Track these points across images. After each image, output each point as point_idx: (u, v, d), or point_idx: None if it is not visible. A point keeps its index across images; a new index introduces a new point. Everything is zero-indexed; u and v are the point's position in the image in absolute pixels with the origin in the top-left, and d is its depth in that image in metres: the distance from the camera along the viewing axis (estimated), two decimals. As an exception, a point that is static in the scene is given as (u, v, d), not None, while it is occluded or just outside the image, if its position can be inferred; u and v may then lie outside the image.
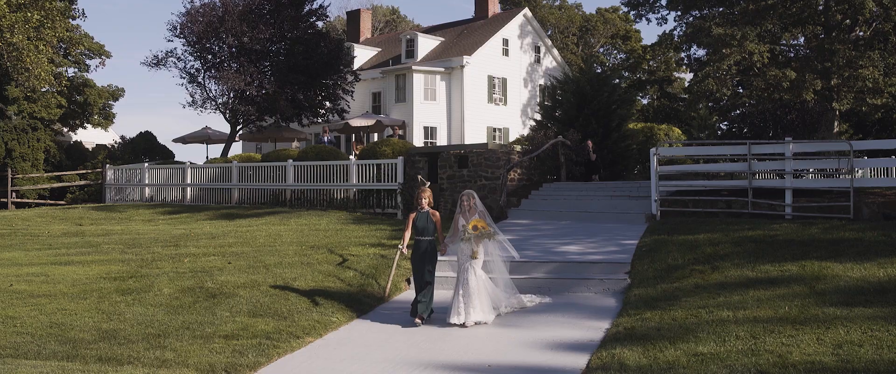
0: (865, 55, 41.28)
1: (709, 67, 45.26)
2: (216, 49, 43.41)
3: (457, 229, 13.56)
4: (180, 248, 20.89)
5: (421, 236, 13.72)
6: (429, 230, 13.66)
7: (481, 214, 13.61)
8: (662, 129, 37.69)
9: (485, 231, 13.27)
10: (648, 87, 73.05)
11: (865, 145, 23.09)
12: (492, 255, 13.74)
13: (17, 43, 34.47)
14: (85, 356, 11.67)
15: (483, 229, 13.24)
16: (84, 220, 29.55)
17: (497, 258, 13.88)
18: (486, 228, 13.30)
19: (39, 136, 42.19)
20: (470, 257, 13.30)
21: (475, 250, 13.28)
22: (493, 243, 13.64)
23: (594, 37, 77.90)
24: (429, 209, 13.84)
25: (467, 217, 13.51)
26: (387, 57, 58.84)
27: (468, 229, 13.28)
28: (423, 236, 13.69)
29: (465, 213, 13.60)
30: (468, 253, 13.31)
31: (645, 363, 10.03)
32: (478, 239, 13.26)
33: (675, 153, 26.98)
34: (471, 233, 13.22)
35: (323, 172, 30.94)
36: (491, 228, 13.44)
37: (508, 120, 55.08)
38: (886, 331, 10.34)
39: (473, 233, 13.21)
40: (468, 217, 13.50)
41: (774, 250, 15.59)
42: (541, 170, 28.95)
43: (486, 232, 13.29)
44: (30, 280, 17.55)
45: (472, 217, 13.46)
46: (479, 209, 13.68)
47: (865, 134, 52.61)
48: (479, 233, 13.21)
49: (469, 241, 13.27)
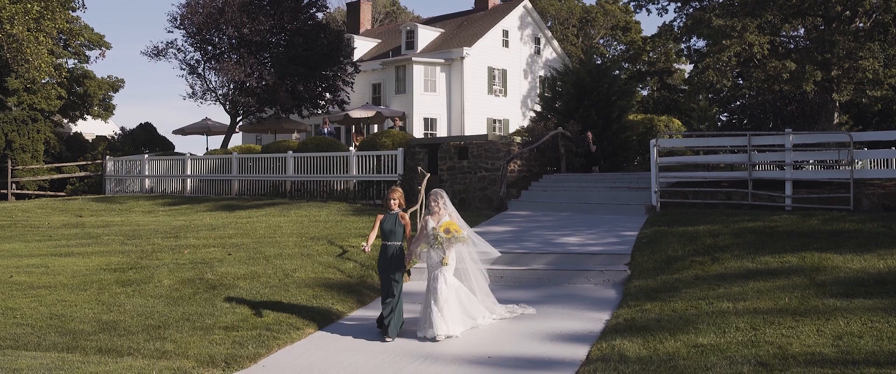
0: (865, 46, 41.22)
1: (709, 59, 45.19)
2: (216, 40, 43.37)
3: (425, 232, 12.34)
4: (180, 239, 20.90)
5: (388, 241, 12.41)
6: (397, 234, 12.38)
7: (452, 215, 12.42)
8: (662, 120, 37.64)
9: (457, 236, 12.02)
10: (648, 78, 72.96)
11: (865, 137, 23.08)
12: (465, 261, 12.59)
13: (17, 34, 34.42)
14: (85, 347, 11.69)
15: (455, 234, 12.00)
16: (84, 211, 29.56)
17: (471, 265, 12.70)
18: (458, 231, 12.04)
19: (39, 127, 42.14)
20: (440, 264, 12.03)
21: (445, 257, 12.02)
22: (466, 247, 12.48)
23: (594, 28, 77.82)
24: (398, 211, 12.55)
25: (437, 220, 12.26)
26: (387, 48, 58.80)
27: (438, 232, 12.04)
28: (390, 241, 12.39)
29: (435, 215, 12.35)
30: (438, 260, 12.07)
31: (645, 355, 10.04)
32: (448, 244, 12.02)
33: (675, 144, 26.95)
34: (442, 237, 11.98)
35: (323, 164, 30.93)
36: (463, 231, 12.19)
37: (508, 111, 55.05)
38: (886, 322, 10.35)
39: (445, 237, 11.97)
40: (438, 220, 12.26)
41: (774, 241, 15.59)
42: (541, 161, 28.92)
43: (458, 237, 12.03)
44: (30, 272, 17.56)
45: (443, 219, 12.25)
46: (449, 211, 12.47)
47: (865, 125, 52.57)
48: (451, 237, 11.97)
49: (439, 247, 12.04)
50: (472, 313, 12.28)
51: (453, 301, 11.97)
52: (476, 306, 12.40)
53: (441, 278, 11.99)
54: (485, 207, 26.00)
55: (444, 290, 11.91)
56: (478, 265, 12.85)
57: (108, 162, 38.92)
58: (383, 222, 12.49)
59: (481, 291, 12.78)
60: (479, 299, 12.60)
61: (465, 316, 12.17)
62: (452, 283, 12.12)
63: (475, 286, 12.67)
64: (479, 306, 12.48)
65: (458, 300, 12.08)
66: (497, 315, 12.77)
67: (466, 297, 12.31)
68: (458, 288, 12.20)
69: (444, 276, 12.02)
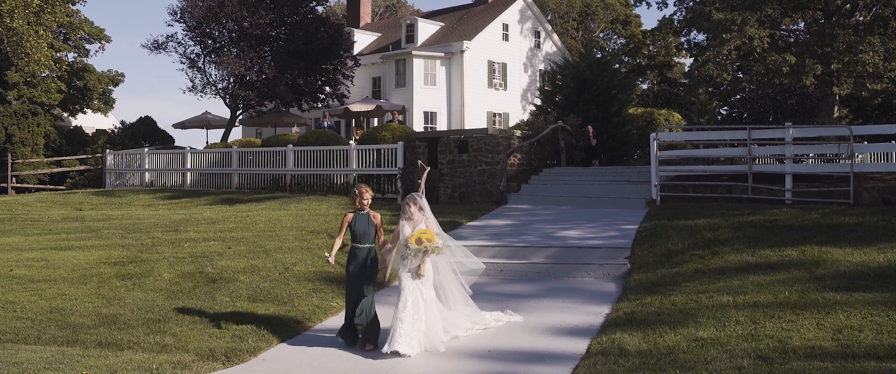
0: (865, 40, 41.18)
1: (709, 52, 45.17)
2: (216, 34, 43.33)
3: (399, 239, 11.33)
4: (180, 233, 20.90)
5: (359, 243, 11.40)
6: (370, 236, 11.42)
7: (429, 221, 11.39)
8: (662, 114, 37.65)
9: (430, 246, 10.95)
10: (648, 72, 72.87)
11: (865, 130, 23.12)
12: (443, 271, 11.59)
13: (16, 28, 34.40)
14: (85, 341, 11.69)
15: (427, 243, 10.93)
16: (84, 205, 29.56)
17: (449, 274, 11.71)
18: (432, 240, 10.98)
19: (39, 121, 42.13)
20: (415, 274, 11.02)
21: (421, 267, 11.01)
22: (443, 257, 11.44)
23: (594, 22, 77.72)
24: (370, 211, 11.55)
25: (413, 226, 11.23)
26: (387, 42, 58.74)
27: (410, 241, 11.02)
28: (361, 243, 11.38)
29: (411, 220, 11.29)
30: (413, 269, 11.04)
31: (645, 348, 10.04)
32: (422, 255, 11.00)
33: (675, 138, 26.98)
34: (413, 247, 10.98)
35: (323, 158, 30.92)
36: (438, 239, 11.15)
37: (508, 105, 55.01)
38: (886, 316, 10.35)
39: (416, 247, 10.95)
40: (414, 226, 11.23)
41: (774, 235, 15.60)
42: (541, 155, 28.93)
43: (431, 246, 10.97)
44: (30, 265, 17.57)
45: (419, 226, 11.23)
46: (426, 215, 11.42)
47: (865, 119, 52.54)
48: (423, 248, 10.93)
49: (412, 257, 11.04)
50: (449, 326, 11.33)
51: (432, 314, 11.00)
52: (453, 319, 11.47)
53: (417, 289, 10.97)
54: (485, 200, 26.01)
55: (419, 303, 10.90)
56: (457, 277, 11.86)
57: (108, 156, 38.92)
58: (354, 224, 11.46)
59: (461, 303, 11.82)
60: (459, 312, 11.69)
61: (443, 329, 11.16)
62: (429, 295, 11.11)
63: (453, 299, 11.71)
64: (457, 317, 11.56)
65: (437, 313, 11.13)
66: (480, 325, 11.85)
67: (444, 309, 11.40)
68: (435, 300, 11.21)
69: (420, 288, 11.01)
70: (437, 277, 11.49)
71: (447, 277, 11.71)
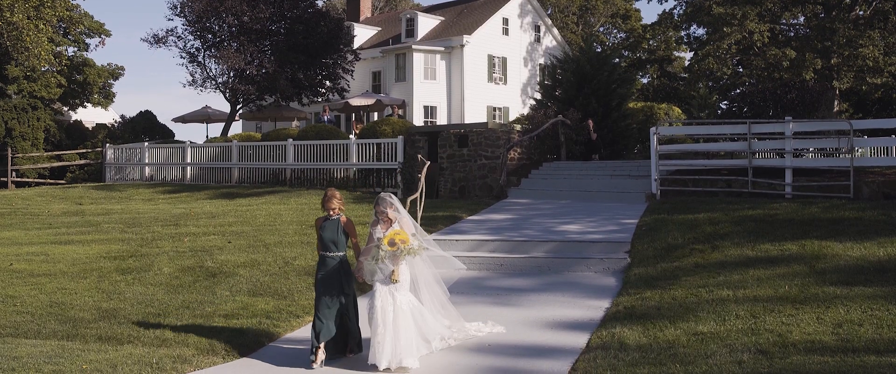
0: (865, 34, 41.22)
1: (709, 47, 45.22)
2: (216, 28, 43.30)
3: (371, 242, 10.50)
4: (180, 227, 20.91)
5: (328, 252, 10.56)
6: (340, 244, 10.57)
7: (404, 222, 10.54)
8: (662, 108, 37.61)
9: (404, 248, 10.16)
10: (648, 66, 72.86)
11: (865, 125, 23.08)
12: (421, 276, 10.78)
13: (16, 22, 34.38)
14: (85, 335, 11.71)
15: (402, 245, 10.15)
16: (84, 199, 29.56)
17: (428, 278, 10.91)
18: (406, 241, 10.17)
19: (39, 115, 42.09)
20: (389, 280, 10.25)
21: (395, 272, 10.22)
22: (420, 259, 10.65)
23: (594, 16, 77.64)
24: (340, 215, 10.68)
25: (386, 228, 10.40)
26: (387, 36, 58.70)
27: (383, 244, 10.20)
28: (331, 252, 10.54)
29: (384, 223, 10.46)
30: (387, 274, 10.26)
31: (645, 343, 10.05)
32: (396, 258, 10.23)
33: (675, 132, 26.94)
34: (386, 250, 10.18)
35: (323, 152, 30.92)
36: (414, 241, 10.34)
37: (508, 99, 54.98)
38: (886, 310, 10.36)
39: (390, 249, 10.16)
40: (387, 228, 10.40)
41: (774, 229, 15.59)
42: (541, 149, 28.90)
43: (405, 247, 10.17)
44: (30, 259, 17.58)
45: (392, 227, 10.40)
46: (401, 216, 10.59)
47: (865, 113, 52.56)
48: (396, 250, 10.15)
49: (385, 259, 10.24)
50: (427, 335, 10.52)
51: (408, 323, 10.20)
52: (432, 328, 10.62)
53: (390, 296, 10.19)
54: (485, 194, 26.01)
55: (392, 311, 10.11)
56: (437, 281, 11.04)
57: (108, 150, 38.89)
58: (323, 230, 10.61)
59: (438, 309, 10.97)
60: (437, 318, 10.83)
61: (422, 339, 10.41)
62: (404, 302, 10.27)
63: (431, 304, 10.84)
64: (435, 326, 10.71)
65: (413, 323, 10.31)
66: (461, 335, 11.09)
67: (422, 318, 10.52)
68: (411, 308, 10.34)
69: (394, 295, 10.21)
70: (413, 281, 10.63)
71: (426, 279, 10.87)
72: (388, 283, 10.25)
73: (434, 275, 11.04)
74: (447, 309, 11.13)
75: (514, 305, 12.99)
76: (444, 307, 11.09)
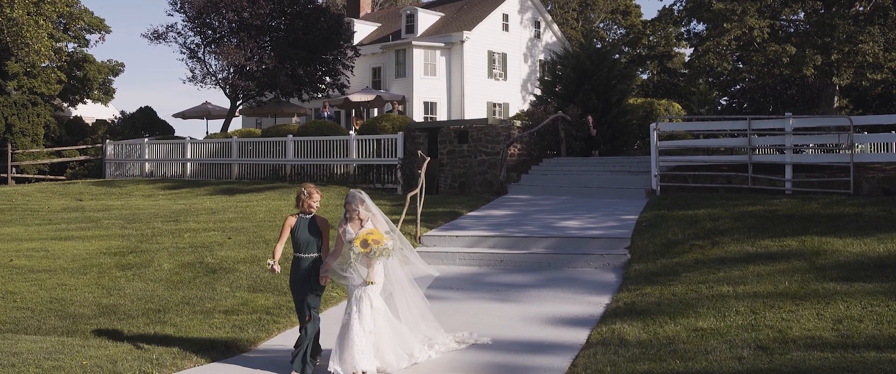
0: (865, 30, 41.17)
1: (709, 42, 45.15)
2: (216, 24, 43.27)
3: (342, 244, 9.80)
4: (180, 223, 20.91)
5: (302, 253, 9.91)
6: (313, 245, 9.90)
7: (377, 221, 9.90)
8: (662, 104, 37.59)
9: (377, 248, 9.51)
10: (648, 62, 72.79)
11: (865, 121, 23.09)
12: (395, 277, 10.12)
13: (16, 18, 34.35)
14: (85, 331, 11.72)
15: (375, 245, 9.50)
16: (84, 195, 29.56)
17: (404, 282, 10.25)
18: (380, 241, 9.53)
19: (39, 111, 42.11)
20: (364, 283, 9.65)
21: (370, 274, 9.62)
22: (395, 261, 10.03)
23: (594, 12, 77.57)
24: (315, 214, 10.04)
25: (358, 227, 9.73)
26: (387, 32, 58.66)
27: (355, 245, 9.55)
28: (304, 253, 9.90)
29: (355, 222, 9.75)
30: (362, 277, 9.66)
31: (645, 338, 10.06)
32: (369, 259, 9.59)
33: (675, 128, 26.97)
34: (358, 251, 9.55)
35: (323, 148, 30.92)
36: (387, 241, 9.66)
37: (508, 95, 54.95)
38: (886, 306, 10.36)
39: (363, 251, 9.53)
40: (359, 227, 9.73)
41: (774, 225, 15.60)
42: (541, 145, 28.91)
43: (378, 248, 9.52)
44: (30, 255, 17.58)
45: (366, 226, 9.74)
46: (373, 213, 9.94)
47: (865, 109, 52.49)
48: (369, 251, 9.53)
49: (357, 262, 9.61)
50: (404, 345, 9.91)
51: (384, 330, 9.71)
52: (412, 338, 10.04)
53: (366, 300, 9.63)
54: (485, 190, 26.02)
55: (369, 316, 9.59)
56: (413, 285, 10.38)
57: (108, 146, 38.90)
58: (296, 230, 9.93)
59: (419, 317, 10.37)
60: (414, 326, 10.23)
61: (400, 349, 9.83)
62: (380, 307, 9.77)
63: (407, 312, 10.24)
64: (414, 337, 10.10)
65: (390, 329, 9.82)
66: (441, 347, 10.38)
67: (397, 323, 10.00)
68: (386, 313, 9.85)
69: (371, 298, 9.66)
70: (388, 285, 9.99)
71: (401, 282, 10.21)
72: (363, 286, 9.65)
73: (411, 279, 10.36)
74: (426, 316, 10.46)
75: (513, 301, 12.99)
76: (423, 315, 10.45)
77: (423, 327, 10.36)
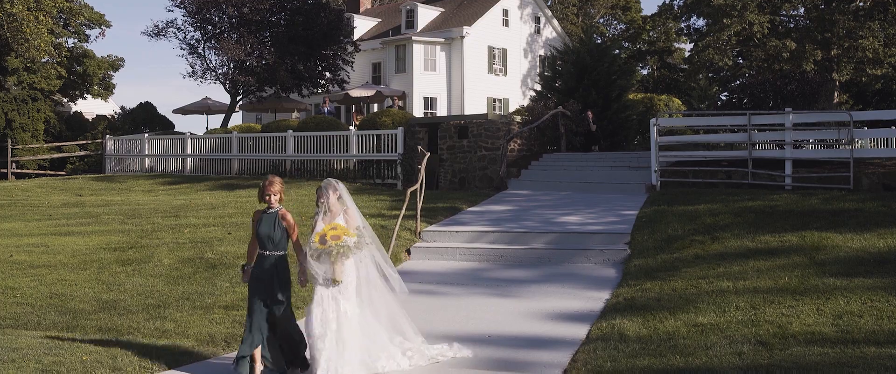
0: (865, 25, 41.18)
1: (709, 38, 45.18)
2: (216, 19, 43.22)
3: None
4: (180, 218, 20.91)
5: (266, 250, 9.09)
6: (277, 241, 9.09)
7: (351, 214, 9.12)
8: (662, 99, 37.64)
9: (336, 244, 8.70)
10: (648, 57, 72.82)
11: (865, 116, 23.07)
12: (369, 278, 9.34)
13: (16, 14, 34.35)
14: (85, 326, 11.72)
15: (333, 242, 8.71)
16: (84, 190, 29.56)
17: (375, 281, 9.42)
18: (339, 238, 8.73)
19: (39, 106, 42.09)
20: (331, 283, 8.87)
21: (336, 272, 8.82)
22: (366, 256, 9.24)
23: (594, 7, 77.52)
24: (279, 209, 9.19)
25: (327, 220, 9.03)
26: (387, 27, 58.63)
27: (313, 241, 8.83)
28: (268, 250, 9.08)
29: (326, 214, 9.07)
30: (328, 276, 8.87)
31: (645, 334, 10.06)
32: (328, 256, 8.82)
33: (675, 124, 26.93)
34: (315, 247, 8.81)
35: (323, 143, 30.89)
36: (349, 238, 8.81)
37: (508, 91, 54.92)
38: (886, 302, 10.36)
39: (319, 248, 8.78)
40: (329, 220, 9.03)
41: (774, 220, 15.59)
42: (541, 140, 28.91)
43: (337, 245, 8.70)
44: (30, 251, 17.58)
45: (336, 219, 9.00)
46: (347, 207, 9.15)
47: (865, 104, 52.48)
48: (327, 248, 8.73)
49: (323, 258, 8.85)
50: (374, 351, 9.09)
51: (352, 334, 8.87)
52: (383, 345, 9.22)
53: (332, 302, 8.86)
54: (485, 186, 26.01)
55: (335, 319, 8.79)
56: (389, 289, 9.56)
57: (108, 141, 38.87)
58: (259, 225, 9.15)
59: (389, 326, 9.50)
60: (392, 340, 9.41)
61: (367, 357, 8.99)
62: (348, 311, 8.91)
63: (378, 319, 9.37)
64: (387, 344, 9.27)
65: (360, 333, 8.99)
66: (420, 360, 9.46)
67: (370, 330, 9.16)
68: (355, 317, 8.97)
69: (338, 300, 8.87)
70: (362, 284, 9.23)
71: (372, 281, 9.39)
72: (330, 286, 8.87)
73: (384, 280, 9.51)
74: (400, 326, 9.58)
75: (513, 296, 13.00)
76: (396, 323, 9.56)
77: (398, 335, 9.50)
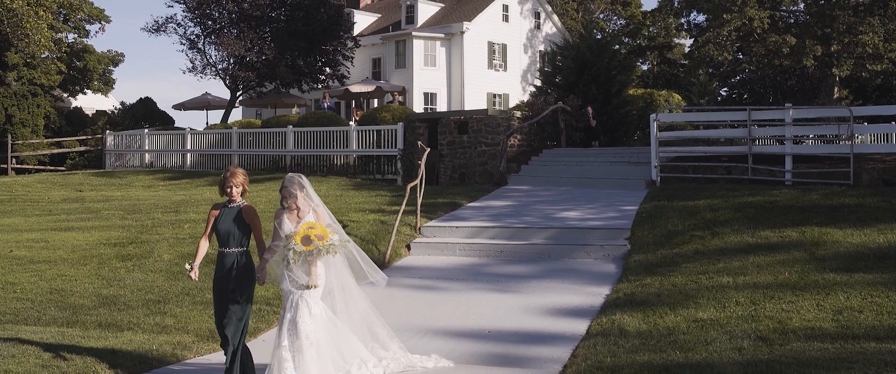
0: (865, 21, 41.15)
1: (709, 33, 45.13)
2: (216, 15, 43.19)
3: (278, 237, 8.50)
4: (180, 214, 20.90)
5: (227, 247, 8.57)
6: (237, 238, 8.57)
7: (319, 211, 8.54)
8: (662, 95, 37.66)
9: (322, 244, 8.16)
10: (648, 53, 72.76)
11: (865, 111, 23.06)
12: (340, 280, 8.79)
13: (16, 9, 34.34)
14: (85, 321, 11.71)
15: (318, 241, 8.16)
16: (84, 186, 29.55)
17: (350, 286, 8.89)
18: (324, 237, 8.20)
19: (39, 102, 42.08)
20: (304, 286, 8.32)
21: (313, 275, 8.29)
22: (340, 259, 8.63)
23: (594, 2, 77.41)
24: (241, 203, 8.68)
25: (297, 219, 8.40)
26: (387, 23, 58.60)
27: (294, 241, 8.17)
28: (229, 247, 8.56)
29: (292, 211, 8.46)
30: (302, 281, 8.33)
31: (645, 329, 10.06)
32: (311, 257, 8.26)
33: (675, 119, 26.93)
34: (300, 250, 8.19)
35: (323, 139, 30.89)
36: (333, 236, 8.33)
37: (508, 86, 54.92)
38: (886, 297, 10.36)
39: (304, 249, 8.16)
40: (298, 219, 8.40)
41: (774, 216, 15.59)
42: (541, 136, 28.91)
43: (323, 245, 8.17)
44: (30, 246, 17.58)
45: (306, 218, 8.38)
46: (315, 204, 8.55)
47: (865, 100, 52.44)
48: (313, 248, 8.17)
49: (297, 261, 8.26)
50: (348, 356, 8.50)
51: (326, 341, 8.33)
52: (356, 351, 8.64)
53: (305, 306, 8.27)
54: (485, 181, 26.01)
55: (308, 325, 8.20)
56: (360, 289, 9.00)
57: (108, 137, 38.86)
58: (218, 221, 8.64)
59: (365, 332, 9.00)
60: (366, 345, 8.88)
61: (341, 361, 8.41)
62: (321, 315, 8.38)
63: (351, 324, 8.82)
64: (361, 350, 8.71)
65: (331, 340, 8.40)
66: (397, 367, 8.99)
67: (343, 335, 8.57)
68: (328, 322, 8.44)
69: (309, 304, 8.30)
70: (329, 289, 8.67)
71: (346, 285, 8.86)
72: (302, 290, 8.32)
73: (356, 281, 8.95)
74: (375, 331, 9.10)
75: (513, 291, 13.00)
76: (371, 329, 9.07)
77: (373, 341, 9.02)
